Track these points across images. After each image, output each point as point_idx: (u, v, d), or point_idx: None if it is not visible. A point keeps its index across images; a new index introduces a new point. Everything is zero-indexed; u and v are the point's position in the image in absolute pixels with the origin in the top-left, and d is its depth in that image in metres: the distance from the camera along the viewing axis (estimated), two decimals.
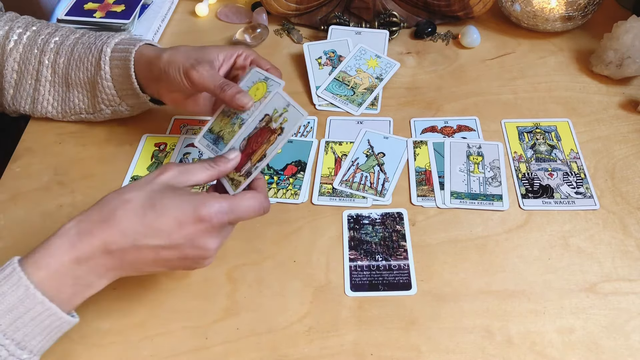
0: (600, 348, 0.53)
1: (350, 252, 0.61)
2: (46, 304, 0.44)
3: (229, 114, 0.59)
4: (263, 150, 0.55)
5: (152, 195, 0.47)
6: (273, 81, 0.58)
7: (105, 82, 0.67)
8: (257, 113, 0.57)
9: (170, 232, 0.47)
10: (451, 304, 0.57)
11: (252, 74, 0.60)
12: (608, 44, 0.77)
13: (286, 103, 0.55)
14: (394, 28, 0.87)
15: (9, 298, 0.44)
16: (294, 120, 0.54)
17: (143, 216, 0.46)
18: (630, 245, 0.61)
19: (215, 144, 0.58)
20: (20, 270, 0.45)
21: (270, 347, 0.54)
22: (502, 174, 0.68)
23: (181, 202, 0.47)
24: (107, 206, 0.47)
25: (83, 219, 0.47)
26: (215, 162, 0.54)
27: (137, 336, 0.55)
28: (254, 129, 0.56)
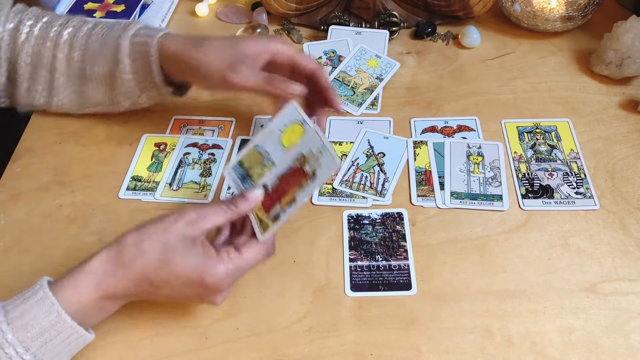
0: (600, 348, 0.53)
1: (350, 252, 0.61)
2: (74, 328, 0.47)
3: (260, 151, 0.57)
4: (293, 194, 0.53)
5: (166, 249, 0.49)
6: (308, 125, 0.55)
7: (125, 76, 0.66)
8: (291, 152, 0.55)
9: (181, 289, 0.51)
10: (451, 304, 0.57)
11: (289, 112, 0.57)
12: (608, 44, 0.77)
13: (322, 145, 0.53)
14: (394, 28, 0.87)
15: (42, 322, 0.46)
16: (327, 168, 0.52)
17: (158, 269, 0.49)
18: (630, 245, 0.61)
19: (242, 180, 0.57)
20: (52, 295, 0.47)
21: (270, 347, 0.54)
22: (502, 174, 0.68)
23: (190, 266, 0.49)
24: (127, 252, 0.49)
25: (107, 260, 0.49)
26: (234, 203, 0.53)
27: (137, 336, 0.55)
28: (288, 167, 0.54)
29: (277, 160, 0.56)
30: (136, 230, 0.51)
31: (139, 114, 0.75)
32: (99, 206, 0.66)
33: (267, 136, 0.57)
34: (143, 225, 0.51)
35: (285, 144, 0.56)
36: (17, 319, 0.46)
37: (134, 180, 0.69)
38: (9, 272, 0.60)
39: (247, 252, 0.52)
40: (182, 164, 0.70)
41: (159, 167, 0.70)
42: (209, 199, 0.66)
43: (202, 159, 0.71)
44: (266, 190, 0.55)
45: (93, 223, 0.65)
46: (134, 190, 0.68)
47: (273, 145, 0.56)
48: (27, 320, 0.46)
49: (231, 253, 0.51)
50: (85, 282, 0.48)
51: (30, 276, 0.60)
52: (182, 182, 0.68)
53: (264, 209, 0.54)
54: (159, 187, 0.68)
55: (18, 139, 0.74)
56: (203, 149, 0.72)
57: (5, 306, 0.47)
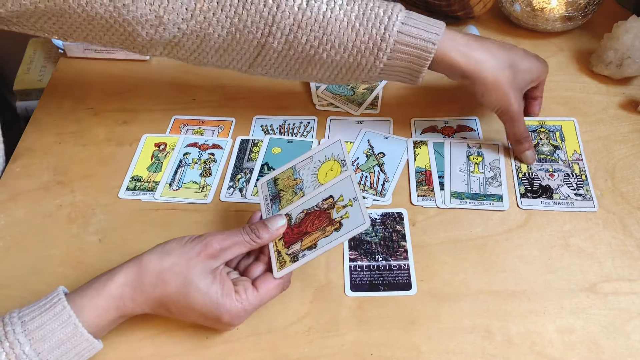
0: (600, 348, 0.53)
1: (350, 252, 0.61)
2: (90, 341, 0.48)
3: (296, 177, 0.57)
4: (316, 238, 0.52)
5: (186, 283, 0.50)
6: (347, 167, 0.54)
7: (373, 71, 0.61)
8: (323, 189, 0.54)
9: (196, 318, 0.52)
10: (451, 304, 0.57)
11: (335, 147, 0.57)
12: (608, 44, 0.77)
13: (354, 195, 0.52)
14: None
15: (58, 335, 0.47)
16: (354, 223, 0.51)
17: (177, 300, 0.50)
18: (630, 245, 0.61)
19: (272, 201, 0.57)
20: (70, 309, 0.48)
21: (270, 347, 0.54)
22: (502, 174, 0.68)
23: (209, 303, 0.50)
24: (148, 279, 0.50)
25: (127, 283, 0.50)
26: (257, 234, 0.53)
27: (137, 336, 0.55)
28: (315, 205, 0.54)
29: (307, 192, 0.55)
30: (158, 254, 0.51)
31: (139, 113, 0.75)
32: (99, 206, 0.66)
33: (306, 163, 0.57)
34: (164, 250, 0.51)
35: (319, 178, 0.56)
36: (34, 331, 0.46)
37: (134, 180, 0.69)
38: (9, 272, 0.60)
39: (263, 289, 0.52)
40: (182, 164, 0.70)
41: (158, 167, 0.70)
42: (208, 199, 0.66)
43: (202, 159, 0.71)
44: (289, 221, 0.55)
45: (93, 223, 0.65)
46: (134, 190, 0.68)
47: (309, 175, 0.57)
48: (44, 332, 0.46)
49: (248, 291, 0.52)
50: (104, 304, 0.49)
51: (30, 276, 0.60)
52: (182, 182, 0.68)
53: (284, 242, 0.54)
54: (159, 187, 0.68)
55: (18, 139, 0.74)
56: (203, 149, 0.72)
57: (22, 317, 0.47)
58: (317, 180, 0.56)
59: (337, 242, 0.52)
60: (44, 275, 0.60)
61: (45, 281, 0.59)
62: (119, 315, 0.50)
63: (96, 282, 0.50)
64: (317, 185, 0.55)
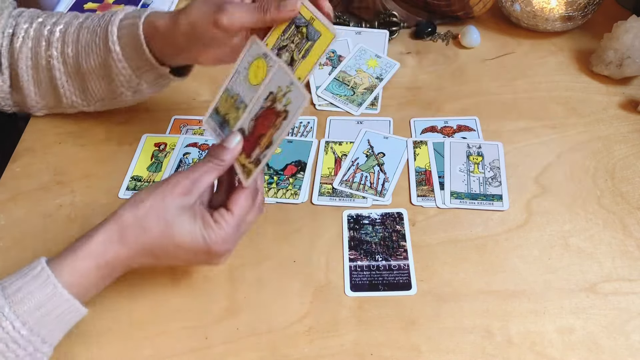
0: (600, 348, 0.53)
1: (350, 252, 0.61)
2: (71, 302, 0.47)
3: (232, 94, 0.56)
4: (270, 136, 0.52)
5: (168, 224, 0.50)
6: (272, 59, 0.54)
7: (119, 64, 0.64)
8: (260, 92, 0.53)
9: (185, 257, 0.52)
10: (451, 304, 0.57)
11: (251, 49, 0.55)
12: (608, 44, 0.77)
13: (289, 81, 0.52)
14: (394, 28, 0.87)
15: (37, 296, 0.46)
16: (297, 103, 0.51)
17: (162, 244, 0.50)
18: (630, 245, 0.61)
19: (221, 128, 0.56)
20: (48, 269, 0.47)
21: (270, 347, 0.54)
22: (502, 174, 0.68)
23: (194, 238, 0.50)
24: (128, 232, 0.50)
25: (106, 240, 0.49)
26: (219, 157, 0.53)
27: (137, 336, 0.55)
28: (260, 108, 0.53)
29: (248, 101, 0.54)
30: (132, 206, 0.50)
31: (139, 113, 0.75)
32: (99, 206, 0.66)
33: (235, 78, 0.56)
34: (138, 199, 0.51)
35: (252, 81, 0.55)
36: (13, 294, 0.46)
37: (134, 180, 0.69)
38: (9, 272, 0.60)
39: (238, 207, 0.52)
40: (182, 164, 0.70)
41: (158, 167, 0.70)
42: None
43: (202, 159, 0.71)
44: (243, 134, 0.54)
45: (93, 223, 0.64)
46: (134, 190, 0.68)
47: (242, 85, 0.55)
48: (23, 294, 0.46)
49: (225, 215, 0.51)
50: (84, 264, 0.48)
51: None
52: None
53: (245, 153, 0.54)
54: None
55: (18, 139, 0.74)
56: (203, 149, 0.72)
57: (1, 283, 0.47)
58: (251, 85, 0.55)
59: (287, 129, 0.51)
60: None
61: None
62: (101, 276, 0.49)
63: (75, 244, 0.50)
64: (254, 89, 0.54)
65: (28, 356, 0.46)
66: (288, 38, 0.55)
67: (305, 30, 0.54)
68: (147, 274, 0.57)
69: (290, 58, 0.54)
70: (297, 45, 0.54)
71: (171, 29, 0.59)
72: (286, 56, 0.54)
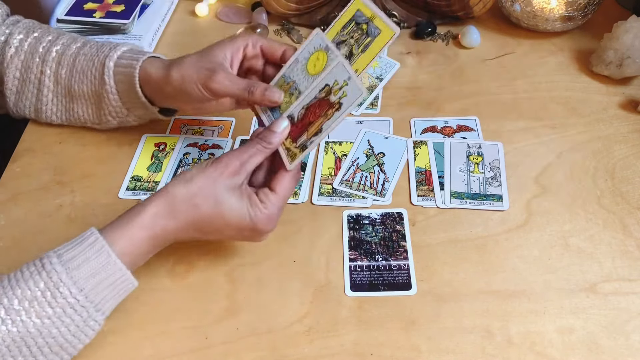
0: (600, 348, 0.53)
1: (350, 252, 0.61)
2: (124, 271, 0.50)
3: (288, 81, 0.59)
4: (320, 124, 0.54)
5: (217, 202, 0.53)
6: (333, 52, 0.57)
7: (111, 96, 0.67)
8: (317, 83, 0.56)
9: (230, 234, 0.55)
10: (451, 304, 0.57)
11: (314, 40, 0.58)
12: (608, 44, 0.77)
13: (347, 75, 0.54)
14: None
15: (93, 263, 0.48)
16: (353, 97, 0.53)
17: (211, 221, 0.53)
18: (630, 245, 0.61)
19: (271, 110, 0.59)
20: (102, 239, 0.49)
21: (270, 347, 0.54)
22: (502, 174, 0.68)
23: (241, 216, 0.53)
24: (179, 207, 0.52)
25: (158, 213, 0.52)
26: (267, 139, 0.55)
27: (137, 336, 0.55)
28: (314, 98, 0.56)
29: (303, 90, 0.57)
30: (183, 182, 0.53)
31: None
32: (99, 206, 0.66)
33: (294, 66, 0.59)
34: (188, 176, 0.53)
35: (310, 71, 0.57)
36: (69, 261, 0.48)
37: (134, 180, 0.69)
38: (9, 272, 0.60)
39: (282, 189, 0.55)
40: (182, 164, 0.70)
41: (158, 167, 0.70)
42: None
43: (202, 159, 0.71)
44: (292, 121, 0.57)
45: (93, 223, 0.64)
46: (134, 190, 0.68)
47: (300, 74, 0.58)
48: (79, 261, 0.48)
49: (270, 196, 0.54)
50: (137, 234, 0.51)
51: None
52: None
53: (291, 138, 0.56)
54: (159, 187, 0.68)
55: (18, 139, 0.74)
56: (203, 149, 0.72)
57: (57, 251, 0.49)
58: (309, 74, 0.57)
59: (340, 119, 0.53)
60: None
61: None
62: (151, 246, 0.52)
63: (126, 215, 0.52)
64: (310, 79, 0.57)
65: (82, 322, 0.48)
66: (348, 33, 0.58)
67: (366, 27, 0.57)
68: (147, 273, 0.57)
69: (349, 52, 0.57)
70: (356, 41, 0.57)
71: (163, 80, 0.63)
72: (345, 50, 0.57)
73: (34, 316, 0.46)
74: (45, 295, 0.47)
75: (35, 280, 0.47)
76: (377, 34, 0.56)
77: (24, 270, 0.48)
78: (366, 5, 0.57)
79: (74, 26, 0.86)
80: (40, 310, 0.46)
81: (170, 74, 0.61)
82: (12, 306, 0.46)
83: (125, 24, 0.85)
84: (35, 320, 0.46)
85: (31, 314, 0.46)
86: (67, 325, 0.47)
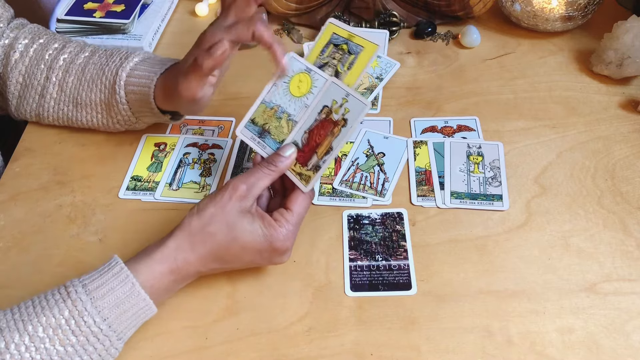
0: (600, 348, 0.53)
1: (350, 252, 0.61)
2: (147, 301, 0.50)
3: (271, 106, 0.59)
4: (329, 143, 0.55)
5: (230, 228, 0.53)
6: (316, 73, 0.57)
7: (121, 106, 0.67)
8: (312, 106, 0.56)
9: (251, 259, 0.55)
10: (451, 304, 0.57)
11: (291, 64, 0.59)
12: (608, 44, 0.77)
13: (345, 93, 0.54)
14: (394, 28, 0.87)
15: (117, 293, 0.49)
16: (357, 111, 0.54)
17: (229, 247, 0.53)
18: (630, 245, 0.61)
19: (261, 137, 0.59)
20: (127, 269, 0.50)
21: (270, 347, 0.54)
22: (502, 174, 0.68)
23: (257, 238, 0.54)
24: (197, 238, 0.53)
25: (179, 247, 0.53)
26: (274, 162, 0.56)
27: (137, 336, 0.55)
28: (314, 121, 0.56)
29: (293, 112, 0.57)
30: (197, 215, 0.53)
31: None
32: (99, 206, 0.66)
33: (273, 91, 0.60)
34: (201, 207, 0.54)
35: (295, 94, 0.58)
36: (94, 290, 0.49)
37: (134, 180, 0.69)
38: (9, 272, 0.60)
39: (297, 207, 0.55)
40: (182, 163, 0.70)
41: (158, 167, 0.70)
42: None
43: (202, 158, 0.71)
44: (297, 147, 0.57)
45: (93, 223, 0.65)
46: (134, 190, 0.68)
47: (284, 97, 0.59)
48: (105, 290, 0.49)
49: (285, 214, 0.55)
50: (159, 267, 0.52)
51: (30, 276, 0.60)
52: (182, 182, 0.68)
53: (301, 164, 0.56)
54: (159, 187, 0.68)
55: (18, 139, 0.74)
56: (203, 149, 0.72)
57: (82, 280, 0.50)
58: (294, 97, 0.58)
59: (349, 134, 0.54)
60: (44, 275, 0.60)
61: (45, 281, 0.59)
62: (172, 280, 0.52)
63: (149, 249, 0.53)
64: (298, 101, 0.58)
65: (104, 350, 0.49)
66: (328, 56, 0.59)
67: (346, 47, 0.58)
68: None
69: (335, 72, 0.58)
70: (339, 60, 0.58)
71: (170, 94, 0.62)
72: (330, 71, 0.58)
73: (58, 344, 0.47)
74: (70, 323, 0.47)
75: (60, 308, 0.48)
76: (360, 51, 0.57)
77: (49, 297, 0.49)
78: (341, 28, 0.58)
79: (74, 26, 0.86)
80: (64, 338, 0.47)
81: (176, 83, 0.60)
82: (37, 333, 0.47)
83: (125, 23, 0.85)
84: (59, 348, 0.47)
85: (55, 342, 0.47)
86: (90, 353, 0.48)
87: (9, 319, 0.47)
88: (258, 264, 0.56)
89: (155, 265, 0.51)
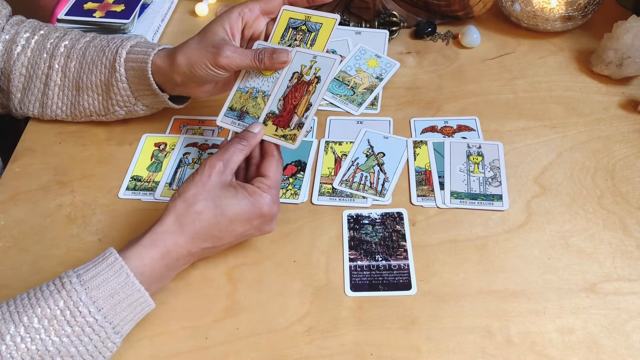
0: (600, 348, 0.53)
1: (350, 252, 0.61)
2: (142, 292, 0.50)
3: (246, 90, 0.61)
4: (306, 101, 0.57)
5: (217, 203, 0.54)
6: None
7: (120, 84, 0.67)
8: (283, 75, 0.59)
9: (242, 230, 0.56)
10: (451, 304, 0.57)
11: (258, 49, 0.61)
12: (608, 44, 0.77)
13: (312, 56, 0.57)
14: (394, 28, 0.87)
15: (112, 284, 0.49)
16: (328, 66, 0.56)
17: (218, 222, 0.54)
18: (630, 245, 0.61)
19: (240, 119, 0.61)
20: (121, 260, 0.50)
21: (270, 347, 0.54)
22: (502, 174, 0.68)
23: (244, 207, 0.55)
24: (183, 219, 0.53)
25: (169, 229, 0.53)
26: (245, 137, 0.58)
27: (137, 336, 0.55)
28: (287, 88, 0.58)
29: (267, 88, 0.60)
30: (178, 197, 0.54)
31: None
32: (99, 206, 0.66)
33: (246, 77, 0.62)
34: (183, 190, 0.55)
35: (266, 73, 0.61)
36: (89, 280, 0.49)
37: (134, 180, 0.69)
38: (9, 272, 0.60)
39: (273, 172, 0.57)
40: (182, 163, 0.70)
41: (158, 167, 0.70)
42: None
43: (201, 158, 0.71)
44: (274, 115, 0.59)
45: (93, 223, 0.65)
46: (134, 190, 0.68)
47: (255, 80, 0.61)
48: (99, 281, 0.49)
49: (264, 181, 0.56)
50: (149, 253, 0.52)
51: (30, 276, 0.60)
52: (182, 181, 0.68)
53: (282, 127, 0.58)
54: (159, 187, 0.68)
55: (18, 139, 0.74)
56: (203, 149, 0.72)
57: (77, 271, 0.50)
58: (266, 76, 0.61)
59: (325, 88, 0.57)
60: (44, 275, 0.60)
61: (45, 281, 0.59)
62: (165, 265, 0.53)
63: (137, 237, 0.53)
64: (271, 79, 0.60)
65: (100, 342, 0.49)
66: (290, 39, 0.61)
67: (305, 27, 0.60)
68: None
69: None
70: (301, 40, 0.60)
71: (170, 69, 0.63)
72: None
73: (53, 334, 0.47)
74: (65, 314, 0.47)
75: (55, 299, 0.48)
76: (320, 27, 0.60)
77: (43, 289, 0.49)
78: (296, 12, 0.61)
79: (74, 26, 0.86)
80: (59, 328, 0.47)
81: (177, 62, 0.62)
82: (32, 324, 0.47)
83: (125, 23, 0.85)
84: (55, 339, 0.47)
85: (50, 333, 0.47)
86: (85, 344, 0.48)
87: (4, 311, 0.47)
88: (250, 234, 0.57)
89: (144, 251, 0.51)
